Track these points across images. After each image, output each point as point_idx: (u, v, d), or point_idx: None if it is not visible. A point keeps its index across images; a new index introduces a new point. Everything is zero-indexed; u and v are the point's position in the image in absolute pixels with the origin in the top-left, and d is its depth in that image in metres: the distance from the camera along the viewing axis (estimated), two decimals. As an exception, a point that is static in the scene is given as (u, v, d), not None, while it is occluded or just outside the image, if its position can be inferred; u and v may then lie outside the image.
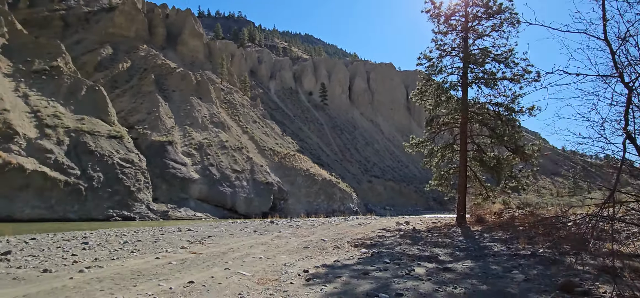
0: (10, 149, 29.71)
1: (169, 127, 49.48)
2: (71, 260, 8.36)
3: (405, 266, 6.94)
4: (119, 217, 33.07)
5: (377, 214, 63.80)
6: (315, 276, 6.11)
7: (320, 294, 4.95)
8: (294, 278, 6.03)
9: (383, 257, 8.07)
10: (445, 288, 5.24)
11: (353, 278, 5.88)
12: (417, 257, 8.01)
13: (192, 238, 12.38)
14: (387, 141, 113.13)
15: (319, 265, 7.21)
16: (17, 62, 41.00)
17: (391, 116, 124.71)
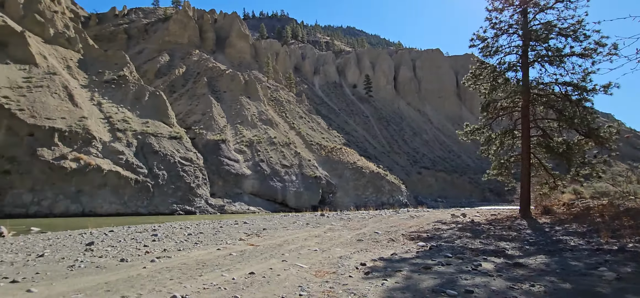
0: (90, 152, 33.48)
1: (221, 126, 52.17)
2: (144, 250, 9.12)
3: (470, 261, 6.49)
4: (182, 211, 35.71)
5: (428, 207, 61.45)
6: (373, 269, 5.96)
7: (382, 289, 4.78)
8: (351, 271, 5.94)
9: (443, 250, 7.65)
10: (520, 286, 4.77)
11: (414, 273, 5.63)
12: (482, 251, 7.47)
13: (249, 230, 12.90)
14: (437, 131, 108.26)
15: (375, 258, 7.04)
16: (91, 74, 45.97)
17: (440, 105, 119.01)
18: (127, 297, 4.76)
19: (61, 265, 7.21)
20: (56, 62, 42.48)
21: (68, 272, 6.54)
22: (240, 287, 5.10)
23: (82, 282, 5.71)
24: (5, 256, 8.67)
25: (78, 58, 47.29)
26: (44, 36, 45.23)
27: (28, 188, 29.00)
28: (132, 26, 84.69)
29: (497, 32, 15.68)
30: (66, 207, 29.98)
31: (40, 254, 8.73)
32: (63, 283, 5.66)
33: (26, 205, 28.50)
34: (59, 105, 35.37)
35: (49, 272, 6.57)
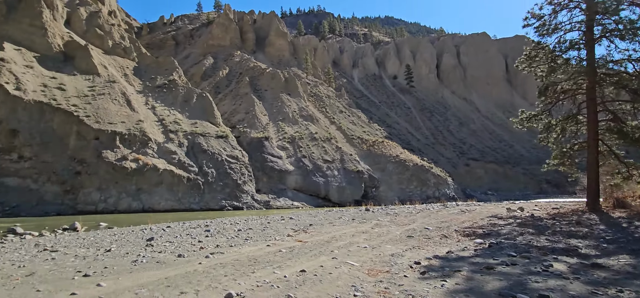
0: (147, 152, 36.15)
1: (264, 123, 53.57)
2: (198, 246, 9.56)
3: (538, 260, 5.90)
4: (230, 207, 37.32)
5: (478, 200, 58.26)
6: (429, 269, 5.64)
7: (442, 291, 4.47)
8: (405, 270, 5.67)
9: (505, 248, 7.07)
10: (605, 291, 4.20)
11: (476, 273, 5.22)
12: (550, 250, 6.78)
13: (295, 226, 13.05)
14: (485, 119, 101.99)
15: (430, 256, 6.68)
16: (144, 80, 49.52)
17: (488, 92, 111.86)
18: (185, 292, 4.94)
19: (126, 259, 7.76)
20: (115, 70, 46.30)
21: (132, 266, 7.00)
22: (292, 285, 5.08)
23: (145, 277, 6.05)
24: (79, 251, 9.55)
25: (133, 66, 51.13)
26: (104, 47, 49.48)
27: (96, 187, 32.04)
28: (179, 33, 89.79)
29: (555, 8, 14.26)
30: (128, 204, 32.67)
31: (108, 249, 9.50)
32: (128, 278, 6.04)
33: (95, 203, 31.51)
34: (119, 111, 38.55)
35: (115, 266, 7.07)
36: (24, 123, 32.37)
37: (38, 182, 31.34)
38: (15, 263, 7.67)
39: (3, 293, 5.21)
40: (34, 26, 40.94)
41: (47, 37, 41.57)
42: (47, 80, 37.13)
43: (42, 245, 10.79)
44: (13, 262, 7.95)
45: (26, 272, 6.64)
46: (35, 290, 5.32)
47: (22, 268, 7.07)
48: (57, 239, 12.98)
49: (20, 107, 32.52)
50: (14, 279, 6.10)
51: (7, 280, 6.09)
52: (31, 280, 5.99)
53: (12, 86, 33.21)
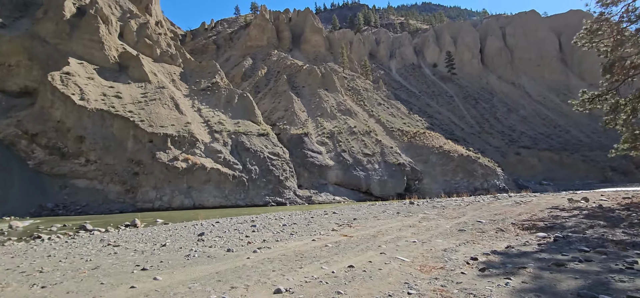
0: (195, 153, 38.19)
1: (303, 120, 54.11)
2: (246, 241, 9.84)
3: (618, 257, 5.24)
4: (274, 203, 38.27)
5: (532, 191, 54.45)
6: (489, 265, 5.23)
7: (507, 290, 4.10)
8: (462, 266, 5.32)
9: (574, 243, 6.39)
10: None
11: (544, 271, 4.74)
12: (631, 245, 6.01)
13: (339, 220, 12.97)
14: (537, 104, 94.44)
15: (487, 251, 6.23)
16: (190, 84, 52.24)
17: (539, 74, 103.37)
18: (235, 287, 5.04)
19: (179, 254, 8.17)
20: (163, 77, 49.34)
21: (185, 261, 7.35)
22: (341, 281, 4.97)
23: (197, 271, 6.30)
24: (138, 246, 10.26)
25: (179, 71, 54.12)
26: (153, 56, 52.91)
27: (152, 186, 34.46)
28: (219, 37, 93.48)
29: (623, -27, 12.69)
30: (181, 201, 34.76)
31: (163, 244, 10.10)
32: (182, 272, 6.33)
33: (152, 201, 33.92)
34: (169, 114, 41.05)
35: (170, 260, 7.47)
36: (89, 129, 35.63)
37: (103, 182, 34.40)
38: (83, 258, 8.41)
39: (73, 285, 5.70)
40: (92, 41, 44.81)
41: (104, 50, 45.30)
42: (106, 89, 40.50)
43: (106, 241, 11.77)
44: (82, 256, 8.72)
45: (92, 266, 7.23)
46: (100, 283, 5.75)
47: (89, 262, 7.72)
48: (119, 235, 14.11)
49: (85, 115, 35.83)
50: (81, 272, 6.66)
51: (76, 273, 6.67)
52: (96, 274, 6.50)
53: (77, 97, 36.67)
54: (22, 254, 9.70)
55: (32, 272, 6.95)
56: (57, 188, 33.57)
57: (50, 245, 11.38)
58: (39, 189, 32.77)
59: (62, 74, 38.08)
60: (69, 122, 35.45)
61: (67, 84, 37.19)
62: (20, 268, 7.44)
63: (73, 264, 7.57)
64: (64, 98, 35.88)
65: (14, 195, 30.86)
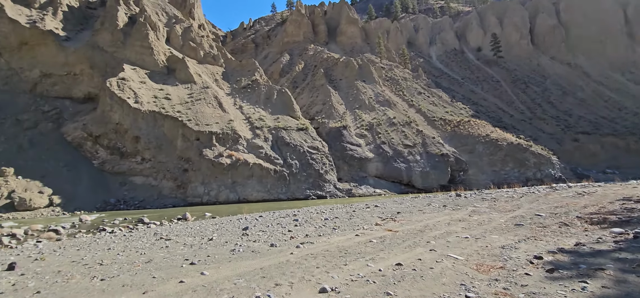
0: (238, 149, 39.62)
1: (341, 113, 53.82)
2: (288, 235, 9.93)
3: None
4: (314, 196, 38.64)
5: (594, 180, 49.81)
6: (558, 266, 4.73)
7: (585, 296, 3.63)
8: (524, 266, 4.87)
9: (659, 241, 5.59)
10: None
11: (628, 273, 4.18)
12: None
13: (382, 214, 12.68)
14: (597, 85, 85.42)
15: (553, 249, 5.66)
16: (232, 83, 54.15)
17: (600, 51, 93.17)
18: (280, 285, 5.03)
19: (225, 248, 8.44)
20: (207, 77, 51.60)
21: (230, 255, 7.55)
22: (390, 281, 4.76)
23: (242, 267, 6.43)
24: (187, 239, 10.80)
25: (221, 71, 56.27)
26: (197, 58, 55.51)
27: (200, 182, 36.36)
28: (257, 35, 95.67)
29: None
30: (227, 195, 36.31)
31: (210, 238, 10.52)
32: (227, 267, 6.50)
33: (200, 195, 35.81)
34: (213, 113, 42.91)
35: (216, 255, 7.73)
36: (143, 130, 38.33)
37: (157, 179, 36.92)
38: (138, 251, 9.01)
39: (128, 278, 6.10)
40: (143, 47, 47.97)
41: (154, 55, 48.31)
42: (157, 92, 43.23)
43: (159, 234, 12.53)
44: (137, 249, 9.36)
45: (145, 259, 7.71)
46: (151, 277, 6.09)
47: (143, 256, 8.24)
48: (171, 228, 15.01)
49: (139, 117, 38.56)
50: (136, 266, 7.12)
51: (131, 266, 7.15)
52: (149, 267, 6.90)
53: (132, 100, 39.54)
54: (86, 246, 10.64)
55: (93, 264, 7.56)
56: (118, 185, 36.61)
57: (110, 238, 12.39)
58: (103, 186, 35.97)
59: (119, 80, 41.23)
60: (126, 123, 38.37)
61: (123, 89, 40.22)
62: (83, 260, 8.15)
63: (129, 257, 8.12)
64: (120, 102, 38.87)
65: (82, 191, 34.16)
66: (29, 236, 16.85)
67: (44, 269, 7.20)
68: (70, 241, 12.40)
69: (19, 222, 24.69)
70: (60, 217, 28.07)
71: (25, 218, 27.96)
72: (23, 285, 6.00)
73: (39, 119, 41.13)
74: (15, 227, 19.81)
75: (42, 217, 29.13)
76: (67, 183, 34.19)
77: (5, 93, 42.67)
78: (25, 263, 8.03)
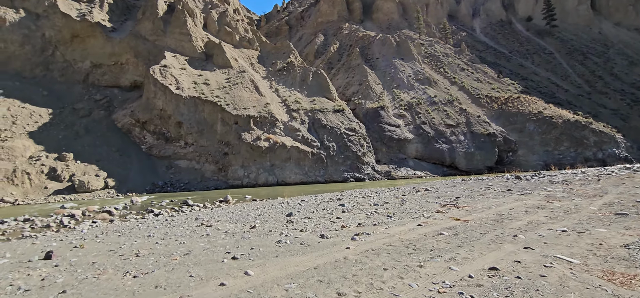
0: (275, 132, 39.65)
1: (378, 93, 52.00)
2: (338, 223, 9.18)
3: None
4: (353, 179, 37.92)
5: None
6: None
7: None
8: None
9: None
10: None
11: None
12: None
13: (438, 199, 11.64)
14: (674, 52, 75.28)
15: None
16: (267, 66, 54.04)
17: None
18: (344, 295, 4.23)
19: (270, 239, 7.84)
20: (243, 61, 51.86)
21: (277, 248, 6.86)
22: (489, 293, 3.79)
23: (292, 265, 5.68)
24: (229, 226, 10.47)
25: (257, 55, 56.30)
26: (233, 42, 55.88)
27: (240, 165, 36.95)
28: (291, 17, 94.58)
29: None
30: (266, 178, 36.64)
31: (253, 226, 10.04)
32: (275, 265, 5.73)
33: (240, 178, 36.45)
34: (250, 97, 43.14)
35: (261, 247, 7.09)
36: (185, 115, 39.43)
37: (199, 162, 38.04)
38: (178, 239, 8.69)
39: (162, 275, 5.62)
40: (182, 34, 48.98)
41: (192, 42, 49.21)
42: (196, 77, 44.14)
43: (201, 219, 12.31)
44: (177, 237, 9.08)
45: (184, 251, 7.26)
46: (189, 275, 5.52)
47: (182, 246, 7.86)
48: (212, 213, 14.83)
49: (181, 103, 39.65)
50: (173, 258, 6.73)
51: (168, 259, 6.73)
52: (187, 261, 6.44)
53: (174, 86, 40.67)
54: (127, 232, 10.60)
55: (129, 255, 7.25)
56: (164, 168, 38.22)
57: (152, 224, 12.32)
58: (151, 169, 37.72)
59: (161, 67, 42.50)
60: (169, 109, 39.65)
61: (165, 76, 41.45)
62: (121, 249, 7.86)
63: (168, 247, 7.74)
64: (163, 88, 40.13)
65: (133, 174, 36.03)
66: (86, 217, 17.78)
67: (80, 260, 6.90)
68: (114, 226, 12.54)
69: (79, 203, 26.48)
70: (115, 199, 29.82)
71: (85, 200, 30.03)
72: (51, 281, 5.67)
73: (92, 107, 43.70)
74: (75, 207, 21.11)
75: (99, 198, 31.16)
76: (119, 167, 36.20)
77: (62, 84, 45.71)
78: (63, 251, 7.84)
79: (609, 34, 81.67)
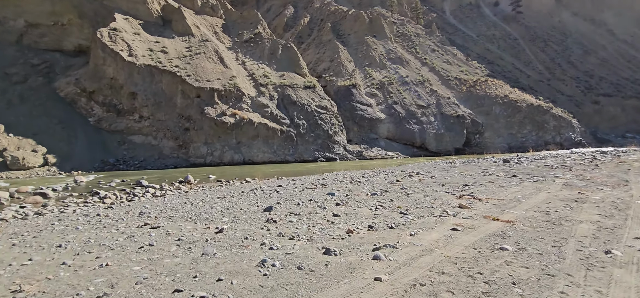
0: (242, 107, 36.66)
1: (350, 70, 50.25)
2: (340, 225, 6.73)
3: None
4: (324, 159, 36.36)
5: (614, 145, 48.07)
6: None
7: None
8: None
9: None
10: None
11: None
12: None
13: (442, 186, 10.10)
14: (622, 44, 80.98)
15: None
16: (233, 36, 49.93)
17: (627, 6, 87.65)
18: None
19: (247, 256, 5.06)
20: (206, 29, 47.36)
21: (261, 280, 4.06)
22: None
23: None
24: (185, 227, 7.04)
25: (221, 23, 51.82)
26: (194, 8, 50.81)
27: (203, 142, 33.82)
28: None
29: None
30: (231, 156, 33.94)
31: (219, 229, 6.69)
32: None
33: (204, 156, 33.44)
34: (214, 68, 39.43)
35: (234, 277, 4.25)
36: (140, 86, 35.14)
37: (157, 138, 34.34)
38: (102, 254, 5.51)
39: None
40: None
41: (147, 4, 43.84)
42: (152, 44, 39.45)
43: (147, 214, 9.04)
44: (103, 248, 5.91)
45: (103, 285, 4.28)
46: None
47: (103, 271, 4.82)
48: (165, 204, 11.17)
49: (135, 71, 35.20)
50: None
51: None
52: None
53: (126, 53, 35.95)
54: (37, 232, 7.58)
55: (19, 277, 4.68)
56: (116, 144, 34.09)
57: (76, 220, 8.86)
58: (100, 145, 33.45)
59: (110, 31, 37.36)
60: (121, 78, 35.11)
61: (115, 40, 36.49)
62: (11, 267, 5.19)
63: (78, 275, 4.71)
64: (113, 54, 35.34)
65: (79, 150, 31.68)
66: (15, 200, 14.53)
67: None
68: (25, 223, 8.98)
69: (11, 182, 22.40)
70: (56, 177, 25.82)
71: (20, 179, 25.75)
72: None
73: (29, 72, 37.77)
74: (3, 188, 17.45)
75: (37, 177, 26.87)
76: (62, 142, 31.66)
77: (-12, 44, 38.85)
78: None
79: (567, 23, 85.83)
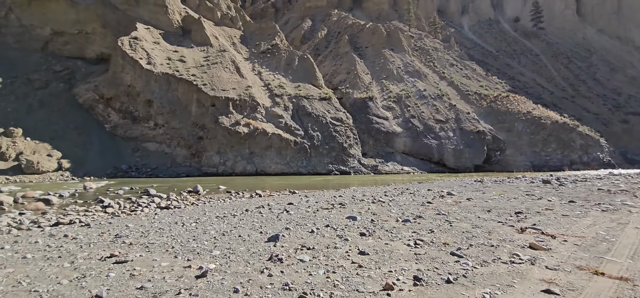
0: (256, 117, 36.57)
1: (367, 83, 49.71)
2: (375, 276, 4.42)
3: None
4: (337, 172, 35.56)
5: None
6: None
7: None
8: None
9: None
10: None
11: None
12: None
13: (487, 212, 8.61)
14: (652, 61, 77.24)
15: None
16: (250, 47, 50.51)
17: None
18: None
19: None
20: (224, 40, 48.09)
21: None
22: None
23: None
24: (158, 266, 5.30)
25: (239, 34, 52.57)
26: (214, 19, 51.85)
27: (216, 151, 33.75)
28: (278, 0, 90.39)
29: None
30: (244, 167, 33.65)
31: (202, 270, 4.85)
32: None
33: (216, 165, 33.29)
34: (230, 78, 39.71)
35: None
36: (156, 93, 35.65)
37: (170, 146, 34.53)
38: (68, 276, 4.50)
39: None
40: (157, 5, 44.65)
41: (168, 14, 44.99)
42: (171, 53, 40.21)
43: (122, 239, 7.25)
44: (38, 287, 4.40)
45: None
46: None
47: None
48: (152, 223, 8.99)
49: (152, 79, 35.80)
50: None
51: None
52: None
53: (145, 61, 36.70)
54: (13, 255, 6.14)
55: None
56: (130, 150, 34.45)
57: (35, 242, 7.20)
58: (114, 151, 33.88)
59: (131, 39, 38.32)
60: (138, 86, 35.73)
61: (135, 49, 37.36)
62: None
63: None
64: (132, 63, 36.11)
65: (93, 156, 32.13)
66: (17, 205, 14.45)
67: None
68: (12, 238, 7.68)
69: (23, 186, 22.71)
70: (68, 183, 26.09)
71: (33, 183, 26.12)
72: None
73: (50, 79, 39.02)
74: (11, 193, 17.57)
75: (50, 181, 27.27)
76: (77, 147, 32.23)
77: (16, 51, 40.59)
78: None
79: (592, 39, 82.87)
